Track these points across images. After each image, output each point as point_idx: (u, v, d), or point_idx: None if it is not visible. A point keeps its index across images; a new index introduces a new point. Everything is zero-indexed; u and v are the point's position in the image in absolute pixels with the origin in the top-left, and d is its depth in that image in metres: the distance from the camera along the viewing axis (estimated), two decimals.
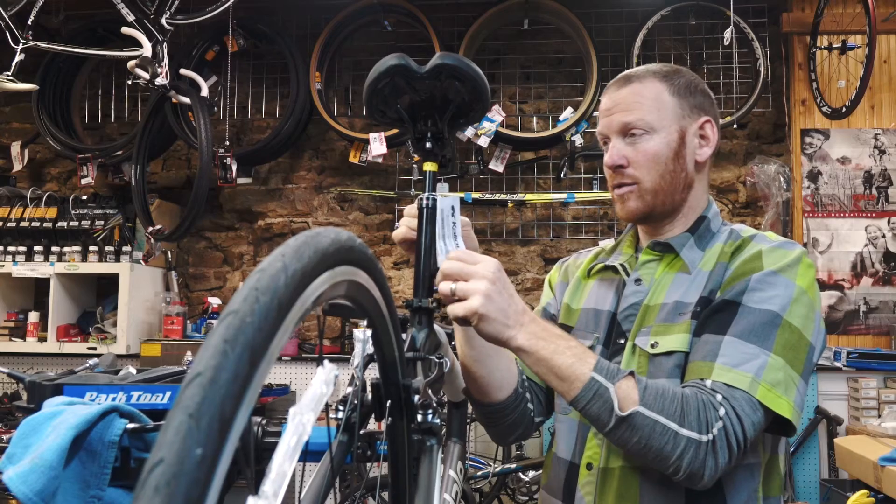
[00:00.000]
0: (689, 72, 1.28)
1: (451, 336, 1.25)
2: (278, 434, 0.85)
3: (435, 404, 0.86)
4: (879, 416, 3.31)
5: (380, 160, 3.99)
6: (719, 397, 1.02)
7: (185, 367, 1.90)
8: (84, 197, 4.12)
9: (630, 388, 1.02)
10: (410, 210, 1.20)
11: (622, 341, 1.20)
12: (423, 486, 0.86)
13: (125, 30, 3.55)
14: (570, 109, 4.00)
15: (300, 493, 0.76)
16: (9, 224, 4.02)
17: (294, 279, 0.46)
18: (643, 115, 1.19)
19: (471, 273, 1.02)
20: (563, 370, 1.03)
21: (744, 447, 1.02)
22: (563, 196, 3.92)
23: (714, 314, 1.11)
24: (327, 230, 0.54)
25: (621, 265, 1.27)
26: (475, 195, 3.94)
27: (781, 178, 3.83)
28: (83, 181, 4.15)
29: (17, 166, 4.33)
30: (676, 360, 1.12)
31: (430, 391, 0.87)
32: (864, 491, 2.68)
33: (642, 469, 1.11)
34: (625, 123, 1.19)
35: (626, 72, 1.26)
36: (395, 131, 3.85)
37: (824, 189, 3.82)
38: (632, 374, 1.04)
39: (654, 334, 1.15)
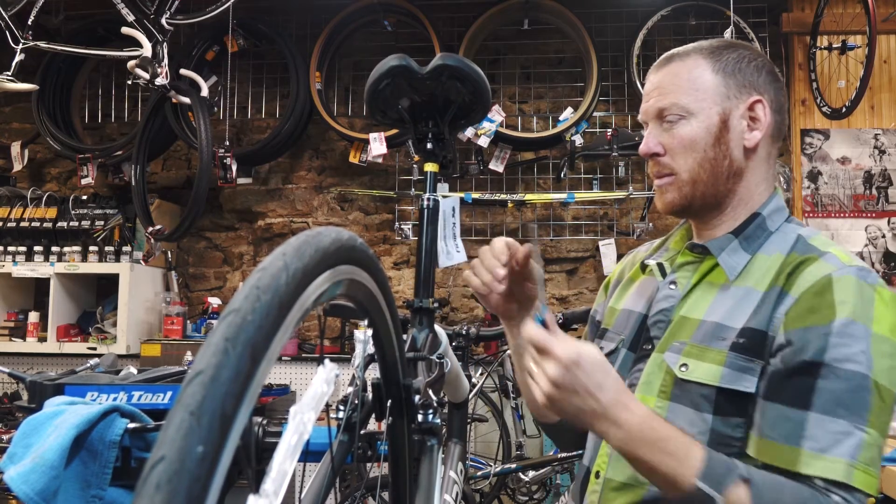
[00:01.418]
0: (747, 46, 1.15)
1: (451, 337, 1.25)
2: (279, 434, 0.86)
3: (435, 404, 0.86)
4: None
5: (380, 160, 3.99)
6: (836, 498, 0.89)
7: (185, 368, 1.90)
8: (84, 197, 4.12)
9: (741, 499, 0.89)
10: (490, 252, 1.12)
11: (649, 347, 1.11)
12: (424, 486, 0.86)
13: (125, 30, 3.55)
14: (570, 109, 4.00)
15: (300, 492, 0.76)
16: (9, 224, 4.02)
17: (295, 278, 0.46)
18: (678, 98, 1.08)
19: (539, 364, 0.92)
20: (665, 475, 0.91)
21: None
22: (563, 196, 3.92)
23: (789, 378, 0.95)
24: (328, 229, 0.54)
25: (659, 264, 1.16)
26: (475, 195, 3.94)
27: (781, 178, 3.83)
28: (83, 181, 4.15)
29: (17, 166, 4.33)
30: (705, 392, 1.01)
31: (430, 391, 0.87)
32: None
33: (642, 485, 1.04)
34: (659, 109, 1.10)
35: (672, 50, 1.14)
36: (395, 131, 3.85)
37: (824, 189, 3.82)
38: (742, 479, 0.90)
39: (687, 355, 1.03)
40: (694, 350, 1.03)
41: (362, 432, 0.80)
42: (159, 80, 3.51)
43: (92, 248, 3.99)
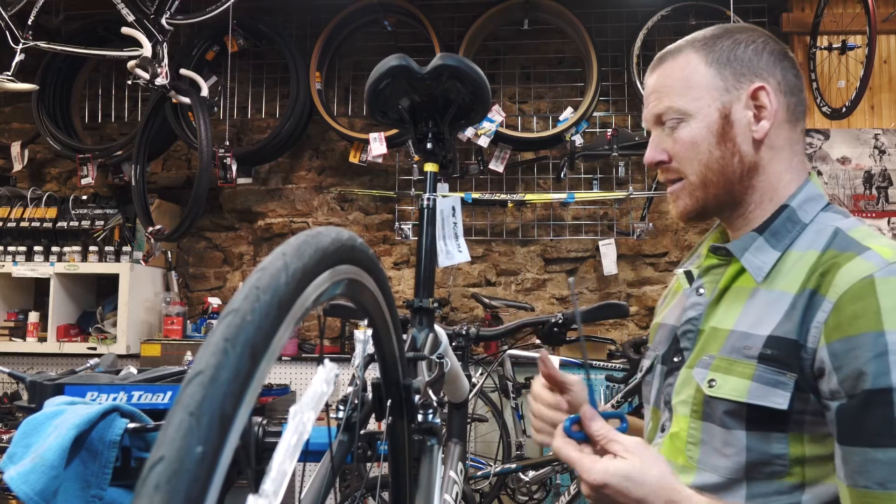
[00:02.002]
0: (745, 28, 1.06)
1: (451, 337, 1.25)
2: (279, 434, 0.86)
3: (435, 404, 0.86)
4: None
5: (380, 160, 3.99)
6: None
7: (185, 367, 1.90)
8: (84, 197, 4.12)
9: None
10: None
11: (678, 360, 1.04)
12: (424, 486, 0.86)
13: (125, 30, 3.55)
14: (570, 109, 4.00)
15: (300, 492, 0.76)
16: (9, 224, 4.02)
17: (295, 278, 0.46)
18: (672, 101, 1.02)
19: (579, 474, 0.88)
20: None
21: None
22: (563, 196, 3.92)
23: (860, 415, 0.85)
24: (328, 229, 0.54)
25: (687, 272, 1.09)
26: (475, 195, 3.94)
27: None
28: (83, 181, 4.15)
29: (17, 166, 4.33)
30: (734, 409, 0.93)
31: (430, 391, 0.87)
32: None
33: None
34: (656, 115, 1.05)
35: (666, 47, 1.08)
36: (395, 131, 3.85)
37: (824, 189, 3.82)
38: None
39: (714, 369, 0.96)
40: (722, 363, 0.96)
41: (362, 432, 0.80)
42: (159, 80, 3.51)
43: (92, 248, 3.98)
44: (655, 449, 0.96)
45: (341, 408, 0.78)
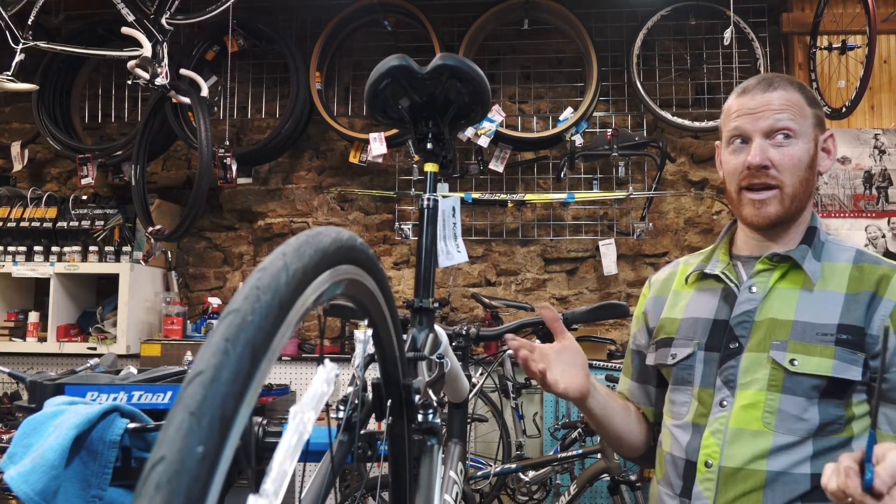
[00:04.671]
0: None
1: (451, 337, 1.25)
2: (279, 434, 0.86)
3: (435, 404, 0.86)
4: None
5: (380, 160, 3.99)
6: None
7: (185, 367, 1.90)
8: (84, 197, 4.12)
9: None
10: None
11: (735, 346, 1.23)
12: (424, 486, 0.86)
13: (125, 30, 3.55)
14: (570, 109, 4.00)
15: (300, 492, 0.76)
16: (9, 224, 4.02)
17: (295, 278, 0.46)
18: (793, 120, 1.23)
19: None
20: None
21: None
22: (563, 196, 3.92)
23: None
24: (328, 229, 0.54)
25: (723, 273, 1.29)
26: (475, 195, 3.94)
27: None
28: (83, 181, 4.15)
29: (17, 166, 4.33)
30: (817, 383, 1.16)
31: (430, 391, 0.87)
32: None
33: (758, 470, 1.16)
34: (779, 127, 1.22)
35: (763, 75, 1.28)
36: (395, 131, 3.85)
37: (824, 189, 3.82)
38: None
39: (792, 351, 1.18)
40: (798, 347, 1.18)
41: (362, 432, 0.80)
42: (159, 80, 3.51)
43: (92, 248, 3.99)
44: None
45: (341, 408, 0.78)
